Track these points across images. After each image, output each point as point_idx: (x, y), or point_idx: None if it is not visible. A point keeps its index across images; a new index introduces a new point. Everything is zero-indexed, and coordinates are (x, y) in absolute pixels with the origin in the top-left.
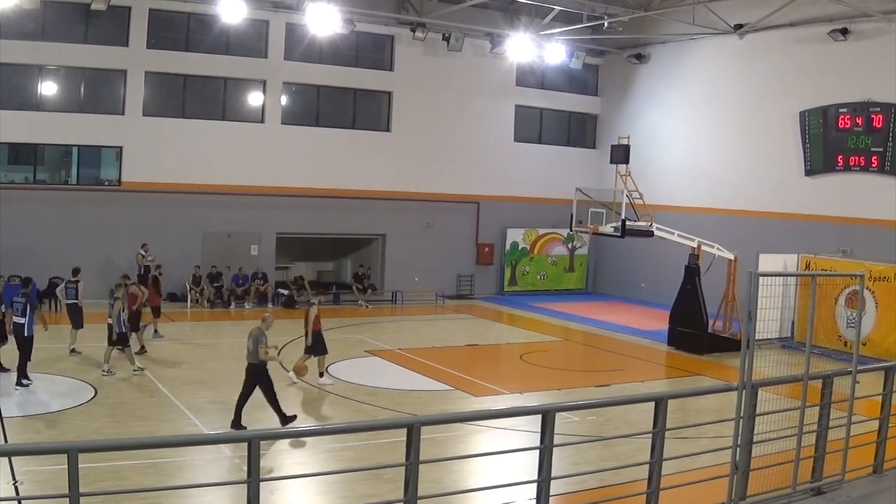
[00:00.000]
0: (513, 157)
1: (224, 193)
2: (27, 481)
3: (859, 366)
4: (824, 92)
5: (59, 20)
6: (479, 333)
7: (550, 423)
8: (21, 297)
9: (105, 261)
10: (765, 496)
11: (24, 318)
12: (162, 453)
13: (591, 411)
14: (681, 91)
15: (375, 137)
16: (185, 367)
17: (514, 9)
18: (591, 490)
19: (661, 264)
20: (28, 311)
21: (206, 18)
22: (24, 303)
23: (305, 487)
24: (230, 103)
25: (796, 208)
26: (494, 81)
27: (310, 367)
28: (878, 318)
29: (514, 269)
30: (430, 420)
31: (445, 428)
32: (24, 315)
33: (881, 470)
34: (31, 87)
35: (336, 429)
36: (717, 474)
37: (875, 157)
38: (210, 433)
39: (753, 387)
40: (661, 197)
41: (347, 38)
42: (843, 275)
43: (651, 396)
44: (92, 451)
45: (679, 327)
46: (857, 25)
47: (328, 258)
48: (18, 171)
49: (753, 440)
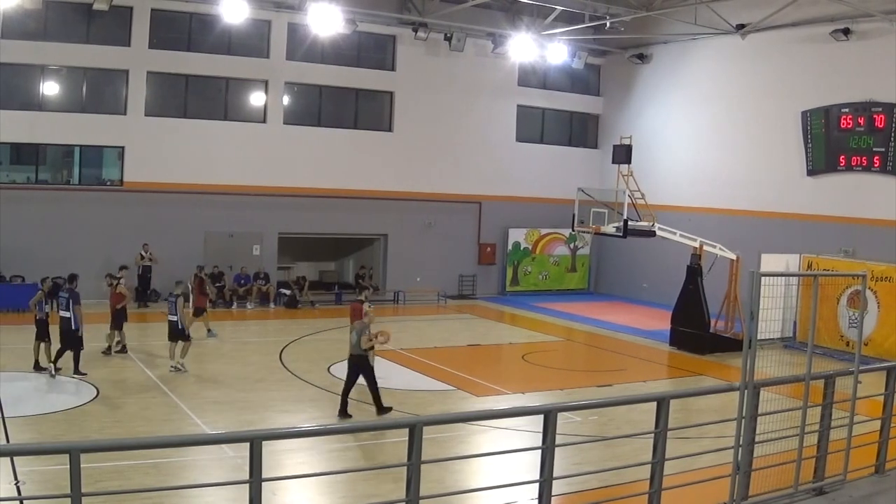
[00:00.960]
0: (515, 157)
1: (226, 193)
2: (29, 481)
3: (861, 366)
4: (826, 92)
5: (61, 20)
6: (480, 333)
7: (552, 423)
8: (65, 293)
9: (107, 261)
10: (767, 496)
11: (69, 313)
12: (164, 453)
13: (593, 411)
14: (683, 91)
15: (377, 137)
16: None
17: (516, 9)
18: (593, 490)
19: (663, 264)
20: (71, 305)
21: (208, 18)
22: (67, 298)
23: (307, 487)
24: (232, 103)
25: (798, 208)
26: (496, 81)
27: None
28: (881, 318)
29: (516, 269)
30: (432, 420)
31: (447, 428)
32: (69, 309)
33: (883, 470)
34: (33, 87)
35: (338, 429)
36: (719, 474)
37: (877, 157)
38: (212, 433)
39: (755, 387)
40: (663, 197)
41: (349, 38)
42: (845, 275)
43: (653, 396)
44: (94, 451)
45: (681, 327)
46: (859, 25)
47: (330, 258)
48: (20, 172)
49: (755, 440)
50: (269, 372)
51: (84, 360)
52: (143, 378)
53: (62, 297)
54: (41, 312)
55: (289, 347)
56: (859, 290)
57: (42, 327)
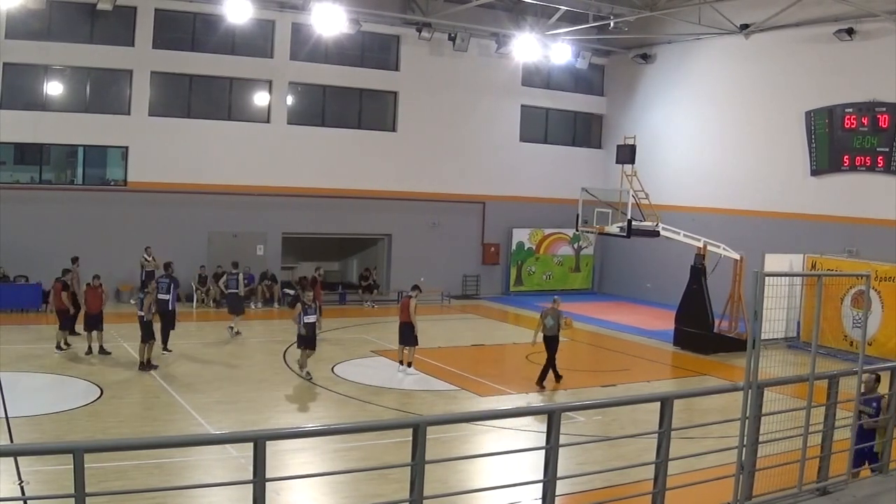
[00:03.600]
0: (518, 157)
1: (230, 193)
2: (33, 481)
3: (865, 366)
4: (830, 92)
5: (65, 20)
6: (484, 333)
7: (556, 422)
8: (165, 278)
9: (110, 261)
10: (770, 496)
11: (168, 295)
12: (168, 453)
13: (597, 411)
14: (686, 91)
15: (381, 137)
16: (190, 367)
17: (519, 9)
18: (597, 490)
19: (667, 264)
20: (172, 289)
21: (212, 18)
22: (168, 282)
23: (311, 487)
24: (236, 103)
25: (802, 208)
26: (500, 81)
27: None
28: (884, 319)
29: (520, 269)
30: (435, 420)
31: (451, 428)
32: (169, 292)
33: (886, 470)
34: (36, 87)
35: (342, 429)
36: (723, 474)
37: (881, 157)
38: (216, 433)
39: (759, 387)
40: (667, 197)
41: (353, 38)
42: (849, 275)
43: (657, 396)
44: (98, 451)
45: (685, 327)
46: (863, 25)
47: (334, 258)
48: (24, 171)
49: (759, 440)
50: (273, 372)
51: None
52: (147, 378)
53: (163, 282)
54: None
55: (292, 348)
56: (863, 291)
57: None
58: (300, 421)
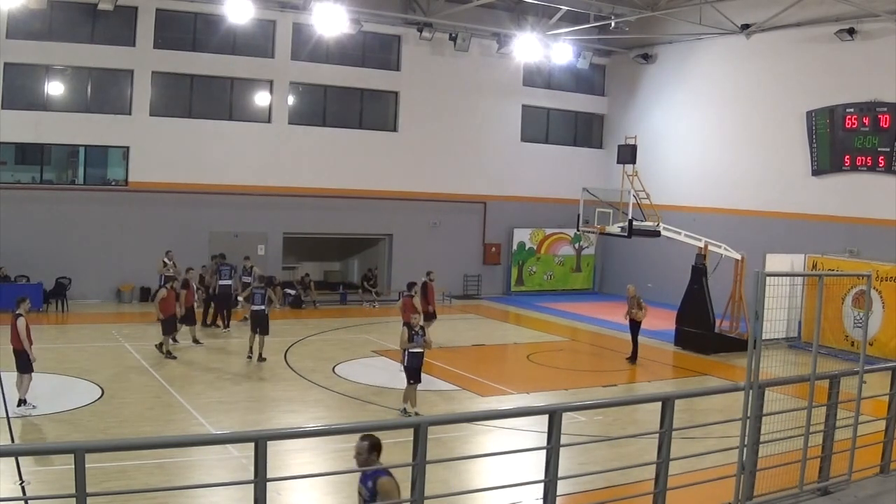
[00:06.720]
0: (519, 157)
1: (231, 193)
2: (34, 481)
3: (866, 366)
4: (831, 92)
5: (66, 20)
6: (485, 333)
7: (557, 423)
8: (261, 289)
9: (111, 261)
10: (771, 496)
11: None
12: (169, 453)
13: (598, 411)
14: (688, 91)
15: (382, 137)
16: (192, 367)
17: (520, 9)
18: (598, 490)
19: (668, 264)
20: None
21: (213, 18)
22: (263, 293)
23: (312, 487)
24: (237, 103)
25: (803, 208)
26: (501, 81)
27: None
28: (886, 319)
29: (521, 269)
30: (436, 420)
31: (452, 428)
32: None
33: (888, 470)
34: (37, 87)
35: (343, 429)
36: (724, 474)
37: (882, 157)
38: (217, 433)
39: (760, 387)
40: (668, 197)
41: (354, 38)
42: (850, 275)
43: (658, 396)
44: (99, 451)
45: (686, 327)
46: (864, 25)
47: (335, 258)
48: (25, 171)
49: (760, 440)
50: (274, 372)
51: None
52: (148, 378)
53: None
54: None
55: (294, 347)
56: (864, 290)
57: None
58: (301, 421)
